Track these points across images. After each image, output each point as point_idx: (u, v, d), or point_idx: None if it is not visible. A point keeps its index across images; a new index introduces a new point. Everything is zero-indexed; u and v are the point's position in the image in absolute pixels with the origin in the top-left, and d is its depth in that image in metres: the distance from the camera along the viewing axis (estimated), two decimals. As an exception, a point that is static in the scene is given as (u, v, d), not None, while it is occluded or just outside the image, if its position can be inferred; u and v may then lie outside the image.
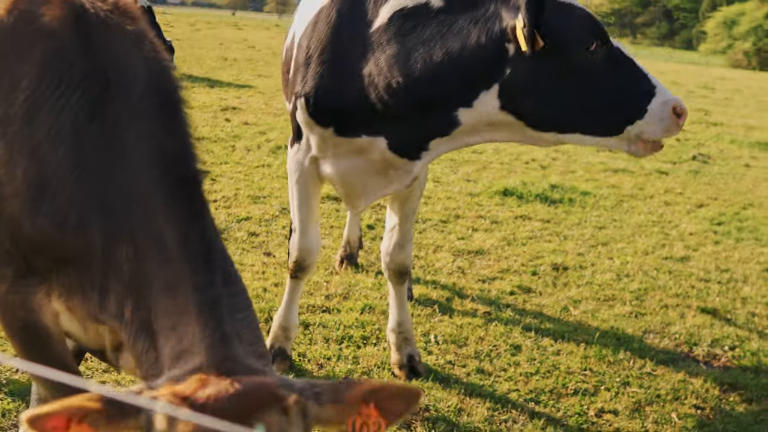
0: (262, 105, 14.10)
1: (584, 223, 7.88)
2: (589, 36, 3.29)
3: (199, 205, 2.25)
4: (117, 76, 2.31)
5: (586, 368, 4.63)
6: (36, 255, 2.32)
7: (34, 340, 2.47)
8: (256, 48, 29.52)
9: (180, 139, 2.29)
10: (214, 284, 2.09)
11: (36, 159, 2.29)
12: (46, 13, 2.45)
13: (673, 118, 3.33)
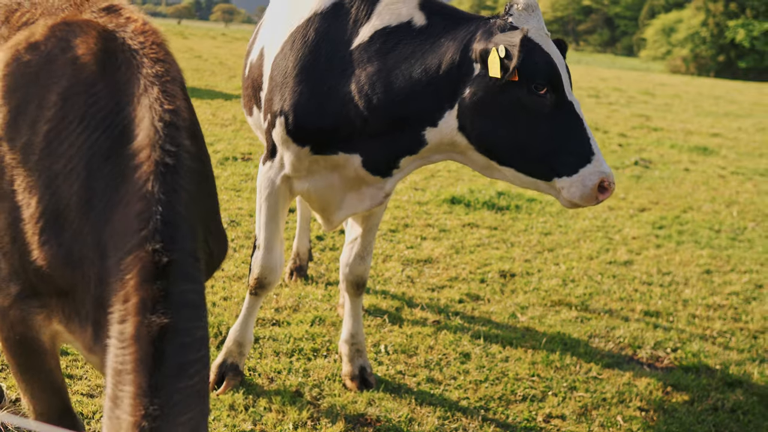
0: (209, 116, 14.00)
1: (531, 229, 8.00)
2: (542, 79, 3.35)
3: (181, 286, 2.15)
4: (131, 121, 2.32)
5: (534, 374, 4.71)
6: (40, 281, 2.37)
7: (28, 355, 2.54)
8: (202, 57, 29.27)
9: (171, 213, 2.20)
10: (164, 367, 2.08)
11: (51, 190, 2.33)
12: (79, 44, 2.48)
13: (594, 190, 3.37)
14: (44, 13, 2.71)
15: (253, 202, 7.99)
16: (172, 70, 2.46)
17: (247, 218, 7.39)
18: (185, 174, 2.26)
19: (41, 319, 2.46)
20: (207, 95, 17.33)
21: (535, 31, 3.41)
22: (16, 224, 2.38)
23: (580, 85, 29.67)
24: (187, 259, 2.18)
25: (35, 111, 2.41)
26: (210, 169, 2.70)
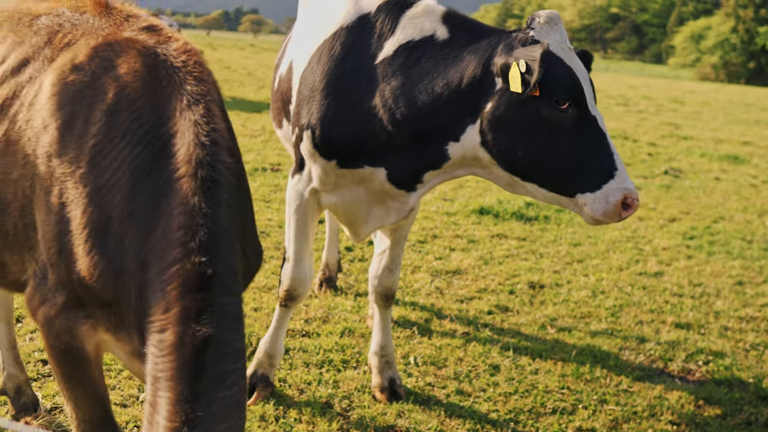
0: (239, 126, 14.12)
1: (560, 240, 7.98)
2: (563, 94, 3.33)
3: (222, 298, 2.19)
4: (173, 136, 2.37)
5: (564, 387, 4.70)
6: (85, 292, 2.44)
7: (73, 364, 2.60)
8: (231, 68, 29.54)
9: (215, 227, 2.25)
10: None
11: (95, 203, 2.40)
12: (121, 63, 2.55)
13: (617, 207, 3.32)
14: (85, 33, 2.78)
15: (282, 213, 8.04)
16: (213, 91, 2.53)
17: (276, 229, 7.45)
18: (227, 189, 2.32)
19: (86, 329, 2.53)
20: (236, 106, 17.48)
21: (557, 44, 3.39)
22: (63, 236, 2.45)
23: (609, 94, 29.51)
24: (228, 273, 2.24)
25: (81, 127, 2.49)
26: (246, 184, 2.75)
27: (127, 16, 2.83)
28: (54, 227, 2.48)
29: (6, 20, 3.08)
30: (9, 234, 2.71)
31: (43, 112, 2.60)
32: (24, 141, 2.63)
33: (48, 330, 2.56)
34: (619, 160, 3.37)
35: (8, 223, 2.69)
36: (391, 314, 4.63)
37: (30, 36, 2.92)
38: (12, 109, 2.74)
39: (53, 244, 2.48)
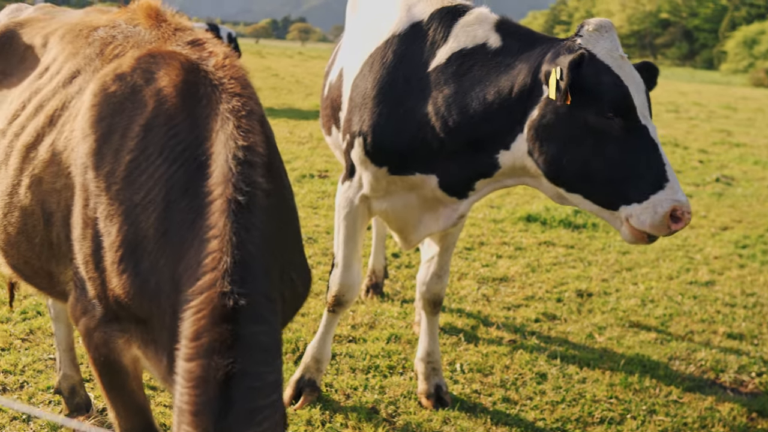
0: (287, 133, 14.26)
1: (608, 248, 7.89)
2: (609, 102, 3.25)
3: (251, 328, 2.08)
4: (209, 157, 2.31)
5: (612, 396, 4.64)
6: (119, 308, 2.43)
7: (111, 375, 2.61)
8: (279, 76, 29.85)
9: (242, 253, 2.14)
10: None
11: (130, 220, 2.37)
12: (162, 76, 2.53)
13: (666, 219, 3.19)
14: (134, 45, 2.81)
15: (329, 219, 8.10)
16: (249, 103, 2.44)
17: (324, 235, 7.50)
18: (258, 212, 2.22)
19: (122, 343, 2.52)
20: (284, 114, 17.65)
21: (606, 52, 3.33)
22: (99, 251, 2.43)
23: (659, 100, 29.09)
24: (259, 300, 2.12)
25: (119, 141, 2.47)
26: (290, 203, 2.66)
27: (176, 29, 2.83)
28: (90, 242, 2.46)
29: (68, 32, 3.14)
30: (54, 244, 2.72)
31: (83, 121, 2.60)
32: (68, 151, 2.65)
33: (88, 341, 2.58)
34: (672, 172, 3.25)
35: (53, 233, 2.71)
36: (438, 321, 4.63)
37: (84, 47, 2.96)
38: (61, 119, 2.77)
39: (90, 259, 2.47)
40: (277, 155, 2.64)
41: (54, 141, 2.73)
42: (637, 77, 3.36)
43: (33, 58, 3.27)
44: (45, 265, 2.83)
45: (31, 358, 4.43)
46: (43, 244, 2.78)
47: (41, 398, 4.06)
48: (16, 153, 2.86)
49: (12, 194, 2.84)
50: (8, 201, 2.86)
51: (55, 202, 2.67)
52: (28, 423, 3.84)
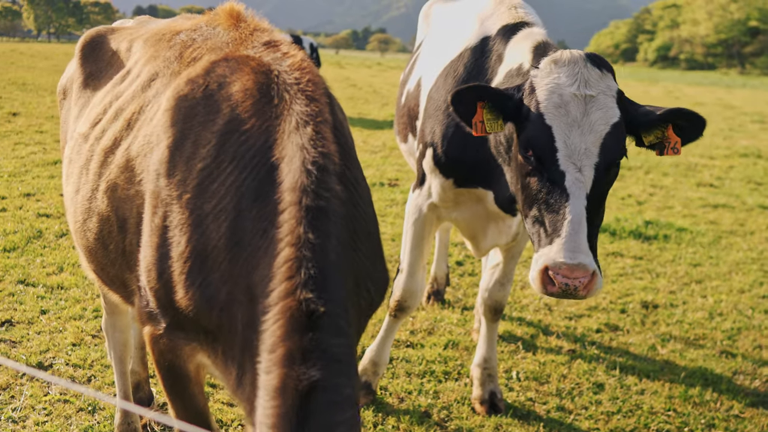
0: (360, 142, 14.43)
1: (678, 260, 7.73)
2: (523, 141, 3.07)
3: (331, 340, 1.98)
4: (280, 161, 2.22)
5: (670, 408, 4.57)
6: (184, 318, 2.38)
7: (174, 380, 2.62)
8: (357, 86, 30.18)
9: (323, 261, 2.05)
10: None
11: (200, 230, 2.29)
12: (235, 80, 2.46)
13: (539, 277, 2.89)
14: (211, 48, 2.78)
15: (396, 227, 8.18)
16: (325, 111, 2.34)
17: (389, 242, 7.59)
18: (336, 220, 2.14)
19: (188, 350, 2.49)
20: (359, 123, 17.86)
21: (551, 87, 3.04)
22: (164, 261, 2.38)
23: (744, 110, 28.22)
24: (339, 311, 2.02)
25: (191, 148, 2.43)
26: (367, 211, 2.53)
27: (253, 30, 2.78)
28: (156, 251, 2.41)
29: (152, 37, 3.19)
30: (126, 252, 2.71)
31: (157, 127, 2.59)
32: (141, 157, 2.63)
33: (153, 347, 2.57)
34: (575, 228, 2.86)
35: (126, 240, 2.69)
36: (497, 328, 4.65)
37: (165, 51, 2.96)
38: (137, 124, 2.76)
39: (153, 268, 2.42)
40: (356, 163, 2.54)
41: (129, 146, 2.72)
42: (592, 119, 2.99)
43: (118, 62, 3.34)
44: (119, 273, 2.84)
45: (99, 354, 4.64)
46: (117, 251, 2.79)
47: (107, 391, 4.25)
48: (96, 157, 2.88)
49: (91, 199, 2.86)
50: (88, 206, 2.89)
51: (129, 208, 2.65)
52: (93, 414, 4.03)
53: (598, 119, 2.98)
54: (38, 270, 6.09)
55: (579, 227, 2.85)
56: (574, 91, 3.02)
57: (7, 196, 8.48)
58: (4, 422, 3.89)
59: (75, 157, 3.09)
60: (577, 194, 2.91)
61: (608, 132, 2.97)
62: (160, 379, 2.65)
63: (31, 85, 21.30)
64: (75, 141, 3.15)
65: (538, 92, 3.07)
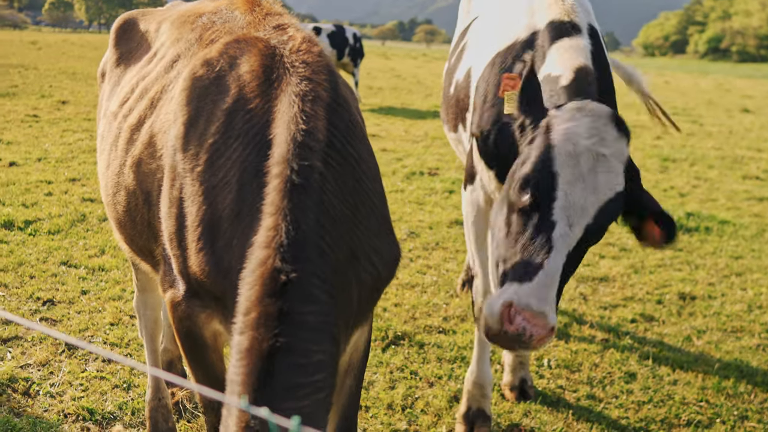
0: (402, 132, 14.44)
1: (719, 252, 7.62)
2: (523, 178, 2.95)
3: (300, 307, 2.10)
4: (274, 137, 2.34)
5: (702, 399, 4.52)
6: (198, 285, 2.51)
7: (193, 346, 2.71)
8: (401, 77, 30.15)
9: (296, 231, 2.15)
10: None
11: (209, 201, 2.42)
12: (244, 61, 2.58)
13: (501, 310, 2.79)
14: (228, 31, 2.90)
15: (434, 215, 8.20)
16: (319, 90, 2.43)
17: (426, 230, 7.61)
18: (314, 193, 2.23)
19: (204, 318, 2.60)
20: (402, 113, 17.87)
21: (567, 135, 2.91)
22: (180, 231, 2.52)
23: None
24: (311, 280, 2.11)
25: (203, 125, 2.56)
26: (371, 186, 2.60)
27: (266, 14, 2.88)
28: (175, 221, 2.55)
29: (177, 19, 3.30)
30: (151, 224, 2.84)
31: (174, 105, 2.71)
32: (161, 133, 2.77)
33: (173, 313, 2.68)
34: (548, 282, 2.77)
35: (151, 213, 2.82)
36: None
37: (188, 33, 3.09)
38: (160, 103, 2.90)
39: (173, 238, 2.56)
40: (360, 141, 2.60)
41: (152, 123, 2.86)
42: (598, 180, 2.85)
43: (147, 43, 3.48)
44: (146, 244, 2.98)
45: (136, 333, 4.75)
46: (143, 223, 2.92)
47: (142, 370, 4.34)
48: (123, 134, 3.03)
49: (119, 174, 3.01)
50: (116, 181, 3.03)
51: (152, 182, 2.78)
52: (127, 391, 4.13)
53: (604, 182, 2.84)
54: (81, 252, 6.24)
55: (552, 281, 2.77)
56: (589, 145, 2.88)
57: (54, 180, 8.68)
58: (42, 397, 4.02)
59: (106, 134, 3.25)
60: (560, 249, 2.80)
61: (610, 198, 2.83)
62: (181, 346, 2.74)
63: (81, 75, 21.73)
64: (106, 119, 3.32)
65: (553, 134, 2.93)
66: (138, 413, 3.94)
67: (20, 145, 10.70)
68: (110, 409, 3.94)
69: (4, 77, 19.79)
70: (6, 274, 5.65)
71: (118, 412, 3.93)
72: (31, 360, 4.37)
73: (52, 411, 3.89)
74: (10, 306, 5.04)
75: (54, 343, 4.60)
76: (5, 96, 15.91)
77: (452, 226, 7.87)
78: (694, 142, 15.88)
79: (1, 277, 5.60)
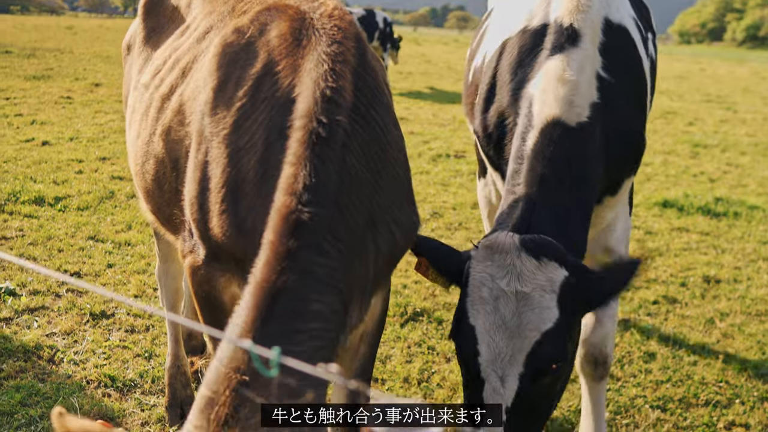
0: (430, 116, 14.44)
1: (747, 237, 7.53)
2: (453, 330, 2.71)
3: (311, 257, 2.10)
4: (299, 94, 2.35)
5: (722, 380, 4.50)
6: (219, 248, 2.53)
7: (210, 310, 2.74)
8: (432, 62, 30.06)
9: (315, 180, 2.15)
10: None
11: (233, 163, 2.44)
12: (274, 27, 2.61)
13: None
14: (260, 2, 2.91)
15: (458, 197, 8.22)
16: (348, 54, 2.43)
17: (450, 211, 7.62)
18: (337, 149, 2.23)
19: (223, 281, 2.63)
20: (430, 97, 17.85)
21: (482, 279, 2.61)
22: (204, 194, 2.54)
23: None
24: (323, 233, 2.12)
25: (232, 89, 2.58)
26: (395, 156, 2.58)
27: None
28: (198, 185, 2.57)
29: None
30: (178, 191, 2.84)
31: (204, 71, 2.75)
32: (191, 100, 2.80)
33: (193, 277, 2.72)
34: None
35: (178, 180, 2.84)
36: (604, 391, 3.67)
37: (220, 5, 3.12)
38: (191, 72, 2.94)
39: (195, 201, 2.58)
40: (385, 109, 2.58)
41: (182, 92, 2.89)
42: (522, 321, 2.54)
43: (179, 18, 3.51)
44: (172, 212, 2.99)
45: (159, 305, 4.83)
46: (171, 191, 2.94)
47: (163, 340, 4.43)
48: (154, 104, 3.07)
49: (149, 143, 3.05)
50: (146, 149, 3.08)
51: (180, 149, 2.82)
52: (149, 360, 4.21)
53: (528, 323, 2.53)
54: (108, 227, 6.35)
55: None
56: (504, 286, 2.57)
57: (84, 159, 8.82)
58: (66, 364, 4.11)
59: (137, 105, 3.28)
60: (496, 409, 2.51)
61: (538, 340, 2.50)
62: (199, 311, 2.77)
63: (114, 58, 21.94)
64: (138, 90, 3.35)
65: (469, 281, 2.63)
66: (158, 381, 4.02)
67: (53, 126, 10.87)
68: (131, 377, 4.03)
69: (40, 60, 20.07)
70: (35, 248, 5.77)
71: (138, 380, 4.01)
72: (56, 329, 4.47)
73: (75, 377, 3.99)
74: (38, 278, 5.15)
75: (79, 313, 4.70)
76: (40, 78, 16.14)
77: (476, 207, 7.86)
78: (727, 128, 15.66)
79: (31, 250, 5.72)
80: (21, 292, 4.95)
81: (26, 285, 5.05)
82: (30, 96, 13.58)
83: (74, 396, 3.80)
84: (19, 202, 6.86)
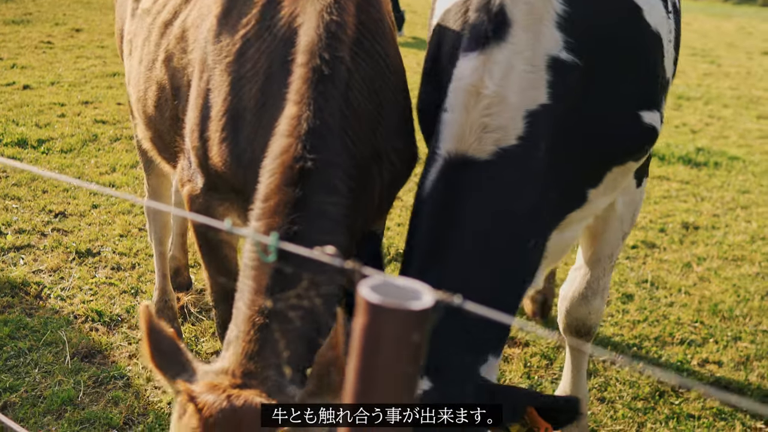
0: (414, 65, 14.30)
1: (726, 186, 7.63)
2: None
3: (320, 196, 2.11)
4: (301, 26, 2.35)
5: (697, 321, 4.62)
6: (218, 177, 2.54)
7: (208, 240, 2.77)
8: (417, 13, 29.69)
9: (318, 121, 2.15)
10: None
11: (235, 91, 2.44)
12: None
13: None
14: None
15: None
16: None
17: (433, 158, 7.66)
18: (341, 85, 2.23)
19: (221, 211, 2.66)
20: (414, 46, 17.70)
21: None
22: (204, 122, 2.55)
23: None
24: (330, 170, 2.12)
25: (236, 18, 2.57)
26: (396, 84, 2.54)
27: None
28: (199, 112, 2.57)
29: None
30: (179, 118, 2.84)
31: (209, 0, 2.72)
32: (194, 28, 2.78)
33: (190, 207, 2.74)
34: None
35: (180, 106, 2.84)
36: (587, 357, 3.59)
37: None
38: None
39: (196, 129, 2.59)
40: (387, 42, 2.53)
41: (185, 18, 2.87)
42: None
43: None
44: (172, 140, 3.00)
45: (144, 245, 4.86)
46: (172, 118, 2.95)
47: (149, 277, 4.47)
48: (156, 30, 3.05)
49: (150, 69, 3.04)
50: (148, 75, 3.06)
51: (182, 77, 2.81)
52: (135, 296, 4.26)
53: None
54: (92, 169, 6.34)
55: None
56: None
57: (66, 103, 8.74)
58: (53, 300, 4.15)
59: (139, 31, 3.26)
60: None
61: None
62: (196, 239, 2.81)
63: (96, 3, 21.55)
64: (138, 17, 3.32)
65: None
66: (145, 316, 4.07)
67: (34, 70, 10.74)
68: (118, 312, 4.08)
69: (18, 4, 19.70)
70: (19, 188, 5.76)
71: (125, 315, 4.07)
72: (42, 266, 4.51)
73: (62, 312, 4.04)
74: (23, 217, 5.16)
75: (65, 251, 4.73)
76: (19, 23, 15.87)
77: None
78: (711, 81, 15.69)
79: (15, 190, 5.71)
80: (6, 231, 4.97)
81: (11, 224, 5.06)
82: (9, 40, 13.37)
83: (62, 329, 3.85)
84: (2, 144, 6.83)
